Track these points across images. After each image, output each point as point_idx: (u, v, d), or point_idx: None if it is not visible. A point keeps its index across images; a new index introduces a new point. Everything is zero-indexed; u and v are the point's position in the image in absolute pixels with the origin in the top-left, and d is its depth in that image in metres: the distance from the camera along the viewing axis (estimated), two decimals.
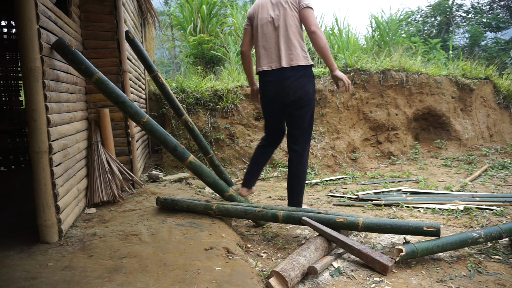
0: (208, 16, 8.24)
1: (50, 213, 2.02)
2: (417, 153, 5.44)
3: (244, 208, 2.41)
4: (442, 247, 1.96)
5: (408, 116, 5.60)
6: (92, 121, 2.98)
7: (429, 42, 9.22)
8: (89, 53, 2.98)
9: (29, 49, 1.90)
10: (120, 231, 2.24)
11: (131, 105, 2.36)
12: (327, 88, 5.26)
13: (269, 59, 2.64)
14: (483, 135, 5.87)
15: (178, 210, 2.59)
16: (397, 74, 5.56)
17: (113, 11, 3.03)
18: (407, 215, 2.88)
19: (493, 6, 13.61)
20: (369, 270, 1.89)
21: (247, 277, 1.68)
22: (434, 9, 13.14)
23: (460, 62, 6.85)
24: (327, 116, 5.21)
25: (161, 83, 3.39)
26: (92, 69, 2.27)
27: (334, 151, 4.99)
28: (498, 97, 6.20)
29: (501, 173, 4.29)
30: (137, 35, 4.69)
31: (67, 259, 1.84)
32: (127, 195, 3.05)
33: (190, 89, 5.10)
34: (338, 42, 7.16)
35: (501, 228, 2.05)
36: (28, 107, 1.94)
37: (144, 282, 1.60)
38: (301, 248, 1.96)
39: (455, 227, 2.55)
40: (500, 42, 11.58)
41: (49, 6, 2.17)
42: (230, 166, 4.80)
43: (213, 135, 4.89)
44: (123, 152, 3.24)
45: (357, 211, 3.06)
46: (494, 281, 1.76)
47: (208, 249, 1.96)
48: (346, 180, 4.31)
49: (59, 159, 2.17)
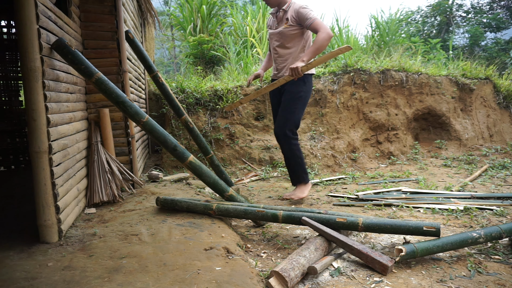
0: (208, 16, 8.25)
1: (50, 213, 2.03)
2: (417, 153, 5.44)
3: (244, 208, 2.41)
4: (442, 247, 1.96)
5: (408, 116, 5.60)
6: (92, 121, 2.98)
7: (429, 42, 9.22)
8: (89, 53, 2.98)
9: (29, 49, 1.90)
10: (120, 231, 2.24)
11: (131, 105, 2.36)
12: (327, 88, 5.26)
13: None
14: (483, 135, 5.87)
15: (178, 210, 2.59)
16: (397, 74, 5.56)
17: (113, 11, 3.03)
18: (407, 215, 2.88)
19: (493, 6, 13.61)
20: (369, 270, 1.89)
21: (247, 277, 1.68)
22: (434, 9, 13.15)
23: (460, 62, 6.85)
24: (327, 116, 5.21)
25: (161, 83, 3.39)
26: (92, 69, 2.27)
27: (334, 151, 4.99)
28: (498, 97, 6.20)
29: (501, 173, 4.29)
30: (137, 35, 4.69)
31: (67, 259, 1.84)
32: (127, 195, 3.05)
33: (190, 89, 5.10)
34: (338, 42, 7.16)
35: (501, 228, 2.05)
36: (28, 107, 1.94)
37: (144, 282, 1.60)
38: (301, 248, 1.96)
39: (455, 227, 2.55)
40: (500, 42, 11.58)
41: (49, 6, 2.17)
42: (230, 166, 4.80)
43: (213, 135, 4.89)
44: (123, 152, 3.24)
45: (357, 211, 3.05)
46: (494, 281, 1.76)
47: (208, 249, 1.96)
48: (346, 180, 4.31)
49: (59, 159, 2.17)
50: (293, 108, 3.15)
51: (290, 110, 3.16)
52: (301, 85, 3.14)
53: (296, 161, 3.25)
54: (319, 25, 2.93)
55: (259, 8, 8.15)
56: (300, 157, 3.25)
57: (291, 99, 3.16)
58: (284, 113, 3.18)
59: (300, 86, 3.14)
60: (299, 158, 3.25)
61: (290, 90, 3.17)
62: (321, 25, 2.93)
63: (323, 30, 2.90)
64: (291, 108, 3.16)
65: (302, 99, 3.18)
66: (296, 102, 3.15)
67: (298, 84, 3.13)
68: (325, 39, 2.89)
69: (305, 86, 3.16)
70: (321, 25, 2.93)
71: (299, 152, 3.25)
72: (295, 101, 3.15)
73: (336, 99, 5.27)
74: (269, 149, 4.91)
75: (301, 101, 3.17)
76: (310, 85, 3.23)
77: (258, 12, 7.96)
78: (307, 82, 3.18)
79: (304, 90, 3.16)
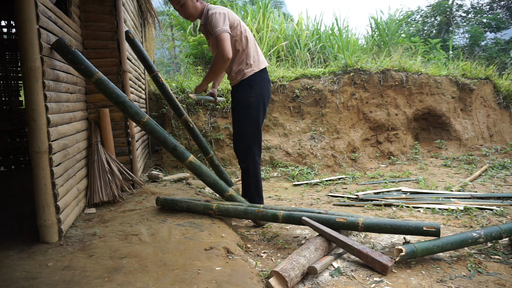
0: None
1: (50, 213, 2.02)
2: (417, 153, 5.44)
3: (244, 208, 2.41)
4: (442, 247, 1.96)
5: (408, 116, 5.60)
6: (92, 121, 2.98)
7: (429, 42, 9.23)
8: (89, 53, 2.98)
9: (29, 49, 1.90)
10: (120, 231, 2.24)
11: (131, 105, 2.36)
12: (327, 88, 5.27)
13: (263, 57, 2.81)
14: (483, 135, 5.88)
15: (178, 210, 2.59)
16: (397, 74, 5.56)
17: (113, 11, 3.03)
18: (407, 215, 2.88)
19: (493, 6, 13.62)
20: (369, 270, 1.89)
21: (247, 277, 1.68)
22: (434, 9, 13.16)
23: (460, 62, 6.85)
24: (327, 116, 5.21)
25: (161, 83, 3.39)
26: (92, 69, 2.27)
27: (334, 151, 4.99)
28: (498, 97, 6.21)
29: (501, 173, 4.29)
30: (137, 35, 4.69)
31: (67, 259, 1.84)
32: (127, 195, 3.05)
33: (190, 89, 5.10)
34: (338, 42, 7.16)
35: (501, 228, 2.05)
36: (28, 107, 1.94)
37: (144, 282, 1.60)
38: (301, 248, 1.96)
39: (455, 227, 2.55)
40: (500, 42, 11.59)
41: (49, 6, 2.17)
42: (230, 166, 4.80)
43: (213, 135, 4.89)
44: (123, 152, 3.24)
45: (357, 211, 3.06)
46: (494, 281, 1.76)
47: (208, 249, 1.96)
48: (346, 180, 4.31)
49: (59, 159, 2.17)
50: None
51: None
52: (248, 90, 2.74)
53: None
54: (220, 41, 2.45)
55: (259, 8, 8.15)
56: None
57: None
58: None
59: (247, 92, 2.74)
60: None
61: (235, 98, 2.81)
62: (222, 42, 2.45)
63: (220, 52, 2.46)
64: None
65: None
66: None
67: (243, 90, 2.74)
68: (219, 65, 2.52)
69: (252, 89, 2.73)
70: (222, 42, 2.45)
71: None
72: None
73: (336, 99, 5.27)
74: (269, 149, 4.91)
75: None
76: (258, 87, 2.73)
77: (258, 12, 7.96)
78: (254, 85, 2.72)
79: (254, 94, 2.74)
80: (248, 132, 2.73)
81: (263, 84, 2.76)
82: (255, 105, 2.72)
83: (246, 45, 2.69)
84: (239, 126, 2.77)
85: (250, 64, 2.69)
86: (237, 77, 2.73)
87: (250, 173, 2.77)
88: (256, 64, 2.72)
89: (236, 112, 2.80)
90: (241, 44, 2.68)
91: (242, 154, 2.78)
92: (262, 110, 2.79)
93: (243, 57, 2.70)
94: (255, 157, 2.78)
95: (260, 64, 2.74)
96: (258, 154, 2.80)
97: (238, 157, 2.85)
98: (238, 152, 2.82)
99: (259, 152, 2.82)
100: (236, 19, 2.67)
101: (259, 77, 2.73)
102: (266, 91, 2.79)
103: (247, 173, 2.78)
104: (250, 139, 2.74)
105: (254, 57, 2.72)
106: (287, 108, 5.27)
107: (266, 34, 7.25)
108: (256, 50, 2.76)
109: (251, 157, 2.75)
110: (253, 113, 2.73)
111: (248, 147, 2.74)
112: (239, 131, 2.78)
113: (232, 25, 2.62)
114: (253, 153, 2.76)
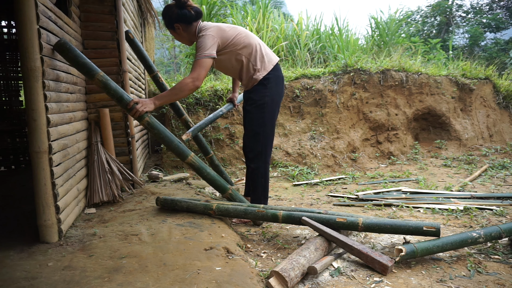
0: (208, 16, 8.24)
1: (50, 213, 2.02)
2: (417, 153, 5.44)
3: (244, 208, 2.41)
4: (442, 247, 1.96)
5: (408, 116, 5.60)
6: (92, 121, 2.98)
7: (429, 42, 9.23)
8: (89, 53, 2.98)
9: (29, 49, 1.90)
10: (120, 231, 2.24)
11: None
12: (327, 88, 5.27)
13: (272, 55, 2.79)
14: (483, 135, 5.88)
15: (178, 210, 2.59)
16: (397, 74, 5.56)
17: (113, 11, 3.03)
18: (407, 215, 2.88)
19: (493, 7, 13.63)
20: (369, 270, 1.89)
21: (247, 277, 1.68)
22: (434, 9, 13.17)
23: (460, 62, 6.86)
24: (327, 116, 5.21)
25: (161, 83, 3.39)
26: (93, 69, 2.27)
27: (334, 151, 4.99)
28: (498, 97, 6.21)
29: (500, 173, 4.29)
30: (137, 35, 4.69)
31: (67, 259, 1.84)
32: (127, 195, 3.05)
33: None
34: (338, 42, 7.16)
35: (501, 228, 2.05)
36: (28, 107, 1.94)
37: (144, 282, 1.60)
38: (301, 248, 1.96)
39: (455, 227, 2.55)
40: (500, 43, 11.60)
41: (49, 6, 2.17)
42: (230, 166, 4.80)
43: (213, 135, 4.89)
44: (123, 152, 3.24)
45: (357, 211, 3.06)
46: (493, 281, 1.77)
47: (208, 249, 1.96)
48: (346, 180, 4.31)
49: (59, 159, 2.17)
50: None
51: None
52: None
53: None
54: (197, 67, 2.41)
55: (259, 8, 8.15)
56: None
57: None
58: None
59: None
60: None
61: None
62: (198, 69, 2.40)
63: (193, 76, 2.39)
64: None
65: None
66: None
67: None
68: (184, 90, 2.40)
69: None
70: (198, 69, 2.40)
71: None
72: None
73: (336, 99, 5.27)
74: None
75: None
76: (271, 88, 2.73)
77: (258, 12, 7.96)
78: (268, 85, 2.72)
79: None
80: (263, 132, 2.72)
81: (278, 82, 2.75)
82: (270, 104, 2.71)
83: (249, 54, 2.67)
84: (253, 125, 2.75)
85: (258, 69, 2.67)
86: (249, 84, 2.74)
87: (260, 173, 2.76)
88: (264, 66, 2.69)
89: (249, 113, 2.77)
90: (244, 54, 2.66)
91: (253, 154, 2.76)
92: (277, 109, 2.80)
93: (250, 66, 2.69)
94: (267, 158, 2.77)
95: (268, 65, 2.71)
96: (269, 154, 2.81)
97: (247, 157, 2.82)
98: (250, 152, 2.78)
99: (271, 153, 2.83)
100: (231, 35, 2.61)
101: (272, 75, 2.72)
102: (280, 89, 2.80)
103: (256, 174, 2.76)
104: (265, 139, 2.73)
105: (261, 60, 2.69)
106: (287, 108, 5.27)
107: (266, 34, 7.25)
108: (261, 53, 2.71)
109: (262, 158, 2.74)
110: (268, 112, 2.71)
111: (261, 147, 2.73)
112: (252, 131, 2.76)
113: (226, 43, 2.58)
114: (266, 153, 2.75)
